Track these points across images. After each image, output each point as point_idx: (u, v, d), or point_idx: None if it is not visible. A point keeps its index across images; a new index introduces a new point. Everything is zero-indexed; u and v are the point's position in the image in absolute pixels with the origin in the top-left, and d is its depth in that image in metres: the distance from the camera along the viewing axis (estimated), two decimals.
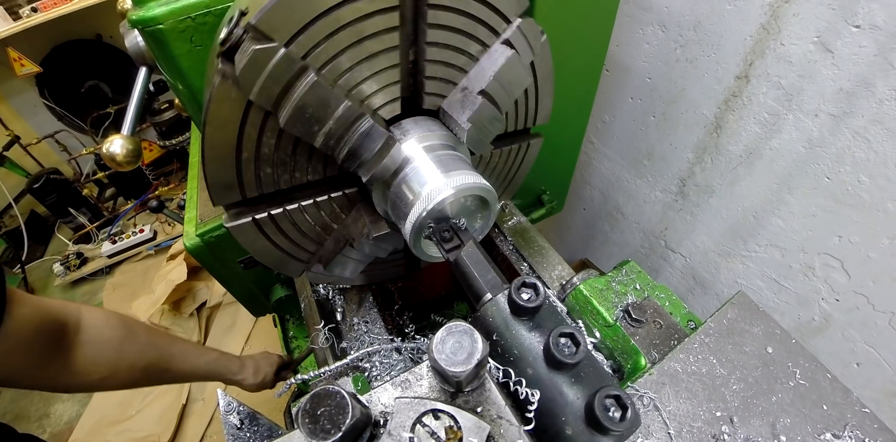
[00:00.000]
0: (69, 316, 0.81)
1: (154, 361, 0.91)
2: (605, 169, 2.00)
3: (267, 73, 0.53)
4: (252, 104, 0.57)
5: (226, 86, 0.55)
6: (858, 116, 1.13)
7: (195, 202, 1.20)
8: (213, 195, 0.64)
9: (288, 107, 0.56)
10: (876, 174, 1.15)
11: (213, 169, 0.61)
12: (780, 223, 1.43)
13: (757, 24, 1.22)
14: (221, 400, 0.84)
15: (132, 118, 0.83)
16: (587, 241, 2.34)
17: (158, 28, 0.67)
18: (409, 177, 0.63)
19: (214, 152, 0.60)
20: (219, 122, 0.57)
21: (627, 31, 1.56)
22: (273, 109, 0.57)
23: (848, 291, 1.35)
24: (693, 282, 1.85)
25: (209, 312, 2.77)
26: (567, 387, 0.47)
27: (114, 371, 0.84)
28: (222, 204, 0.67)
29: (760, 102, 1.31)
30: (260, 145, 0.61)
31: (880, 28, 1.01)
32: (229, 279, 1.24)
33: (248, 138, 0.60)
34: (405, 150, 0.65)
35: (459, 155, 0.67)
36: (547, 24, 0.73)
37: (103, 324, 0.85)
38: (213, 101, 0.55)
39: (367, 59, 0.59)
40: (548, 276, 0.90)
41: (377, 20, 0.56)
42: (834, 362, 1.48)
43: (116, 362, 0.85)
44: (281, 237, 0.74)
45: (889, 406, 1.41)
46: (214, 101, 0.55)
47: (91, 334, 0.83)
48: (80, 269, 3.25)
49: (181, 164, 3.68)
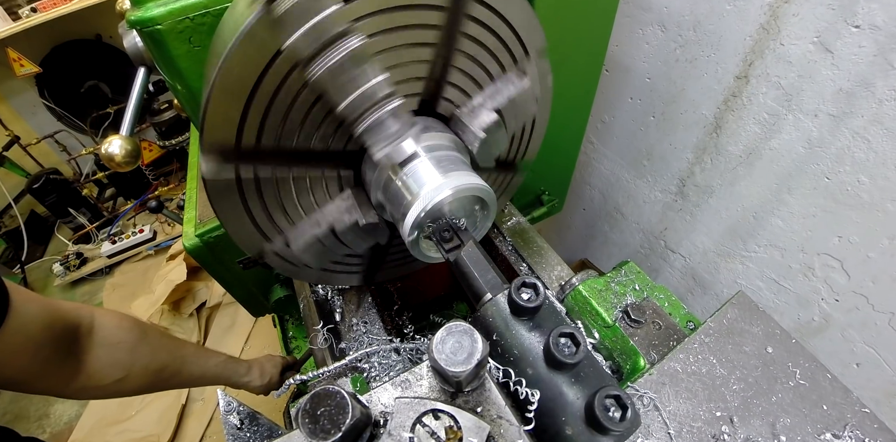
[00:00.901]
0: (82, 318, 0.80)
1: (167, 364, 0.91)
2: (605, 169, 2.00)
3: (316, 21, 0.50)
4: (281, 53, 0.53)
5: (264, 23, 0.50)
6: (858, 117, 1.12)
7: (194, 202, 1.20)
8: (208, 130, 0.57)
9: (324, 65, 0.53)
10: (876, 174, 1.15)
11: (220, 101, 0.56)
12: (780, 223, 1.43)
13: (756, 25, 1.22)
14: (221, 400, 0.83)
15: (131, 119, 0.83)
16: (587, 241, 2.34)
17: (157, 29, 0.67)
18: (414, 172, 0.63)
19: (227, 85, 0.55)
20: (242, 59, 0.53)
21: (627, 32, 1.56)
22: (304, 63, 0.54)
23: (848, 291, 1.35)
24: (693, 282, 1.85)
25: (209, 313, 2.77)
26: (567, 387, 0.47)
27: (128, 373, 0.84)
28: (212, 140, 0.59)
29: (760, 103, 1.31)
30: (277, 93, 0.58)
31: (880, 28, 1.01)
32: (228, 279, 1.24)
33: (268, 83, 0.56)
34: (415, 145, 0.65)
35: (464, 159, 0.68)
36: (546, 23, 0.73)
37: (117, 326, 0.85)
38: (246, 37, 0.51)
39: (405, 47, 0.60)
40: (547, 276, 0.90)
41: (425, 14, 0.59)
42: (834, 363, 1.48)
43: (131, 364, 0.84)
44: (256, 203, 0.67)
45: (889, 406, 1.41)
46: (246, 36, 0.51)
47: (104, 336, 0.82)
48: (80, 269, 3.25)
49: (181, 164, 3.68)
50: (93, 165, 3.56)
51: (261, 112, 0.59)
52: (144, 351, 0.87)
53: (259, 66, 0.55)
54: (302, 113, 0.61)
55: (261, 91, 0.57)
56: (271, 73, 0.56)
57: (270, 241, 0.75)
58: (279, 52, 0.54)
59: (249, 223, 0.71)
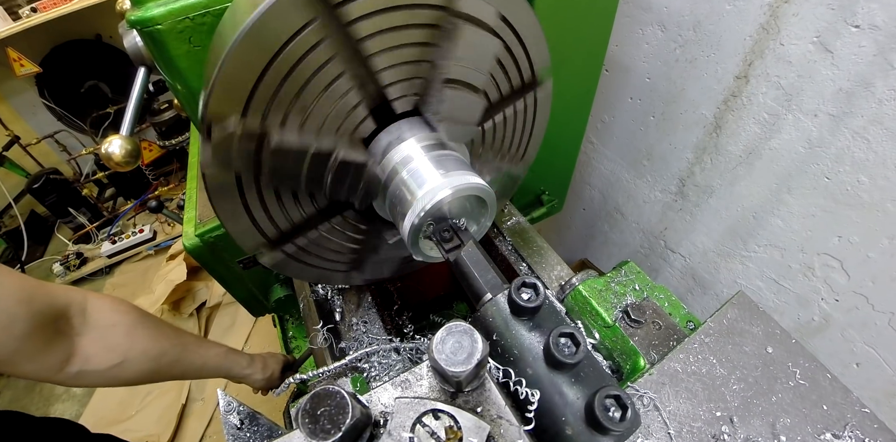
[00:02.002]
0: (72, 298, 0.78)
1: (166, 350, 0.88)
2: (605, 169, 2.00)
3: (235, 151, 0.55)
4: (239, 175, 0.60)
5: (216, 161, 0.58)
6: (858, 116, 1.13)
7: (194, 202, 1.20)
8: (245, 247, 0.69)
9: (265, 170, 0.59)
10: (875, 174, 1.15)
11: (232, 227, 0.65)
12: (780, 223, 1.43)
13: (756, 25, 1.22)
14: (221, 400, 0.83)
15: (131, 118, 0.83)
16: (587, 241, 2.34)
17: (157, 28, 0.67)
18: (403, 180, 0.63)
19: (226, 212, 0.63)
20: (220, 192, 0.61)
21: (627, 32, 1.56)
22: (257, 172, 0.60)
23: (847, 291, 1.35)
24: (693, 282, 1.85)
25: (209, 313, 2.77)
26: (567, 387, 0.47)
27: (126, 357, 0.81)
28: (252, 252, 0.70)
29: (760, 102, 1.31)
30: (262, 197, 0.65)
31: (880, 28, 1.01)
32: (228, 279, 1.24)
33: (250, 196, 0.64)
34: (395, 155, 0.65)
35: (447, 153, 0.65)
36: (546, 23, 0.73)
37: (112, 308, 0.82)
38: (209, 179, 0.58)
39: (321, 95, 0.57)
40: (546, 276, 0.90)
41: (311, 58, 0.54)
42: (834, 363, 1.48)
43: (128, 348, 0.81)
44: (317, 260, 0.75)
45: (889, 406, 1.41)
46: (210, 179, 0.58)
47: (99, 318, 0.80)
48: (80, 269, 3.25)
49: (181, 164, 3.68)
50: (93, 165, 3.56)
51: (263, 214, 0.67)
52: (142, 334, 0.84)
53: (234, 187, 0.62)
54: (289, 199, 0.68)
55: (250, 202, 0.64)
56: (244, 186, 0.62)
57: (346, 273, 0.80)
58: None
59: (322, 271, 0.76)
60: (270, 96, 0.54)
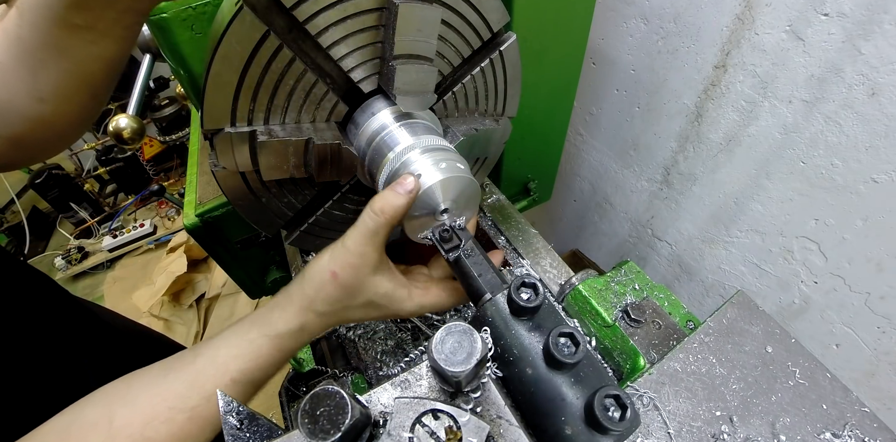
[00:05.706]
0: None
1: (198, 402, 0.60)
2: (594, 160, 2.05)
3: (234, 154, 0.63)
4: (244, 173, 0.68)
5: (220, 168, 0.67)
6: (829, 102, 1.17)
7: (194, 186, 1.26)
8: (268, 233, 0.77)
9: (262, 166, 0.66)
10: (848, 157, 1.20)
11: (252, 218, 0.73)
12: (760, 208, 1.47)
13: (732, 15, 1.27)
14: (221, 400, 0.85)
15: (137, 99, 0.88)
16: (577, 232, 2.39)
17: (163, 17, 0.73)
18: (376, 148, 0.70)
19: (245, 209, 0.72)
20: (233, 192, 0.69)
21: (612, 25, 1.61)
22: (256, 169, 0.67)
23: (825, 273, 1.39)
24: (679, 269, 1.89)
25: (208, 304, 2.82)
26: (567, 387, 0.47)
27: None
28: (273, 233, 0.78)
29: (737, 91, 1.36)
30: (268, 188, 0.71)
31: (847, 15, 1.06)
32: (226, 260, 1.29)
33: (258, 189, 0.71)
34: (367, 129, 0.71)
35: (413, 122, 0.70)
36: (525, 16, 0.76)
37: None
38: (220, 180, 0.66)
39: (293, 92, 0.64)
40: (524, 250, 0.94)
41: (278, 61, 0.60)
42: (815, 344, 1.53)
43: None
44: (330, 232, 0.82)
45: (868, 386, 1.45)
46: (220, 179, 0.66)
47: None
48: (82, 263, 3.30)
49: (181, 160, 3.73)
50: (94, 161, 3.61)
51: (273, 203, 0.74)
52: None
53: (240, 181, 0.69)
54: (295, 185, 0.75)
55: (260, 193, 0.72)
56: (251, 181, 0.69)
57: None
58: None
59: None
60: (249, 104, 0.61)
